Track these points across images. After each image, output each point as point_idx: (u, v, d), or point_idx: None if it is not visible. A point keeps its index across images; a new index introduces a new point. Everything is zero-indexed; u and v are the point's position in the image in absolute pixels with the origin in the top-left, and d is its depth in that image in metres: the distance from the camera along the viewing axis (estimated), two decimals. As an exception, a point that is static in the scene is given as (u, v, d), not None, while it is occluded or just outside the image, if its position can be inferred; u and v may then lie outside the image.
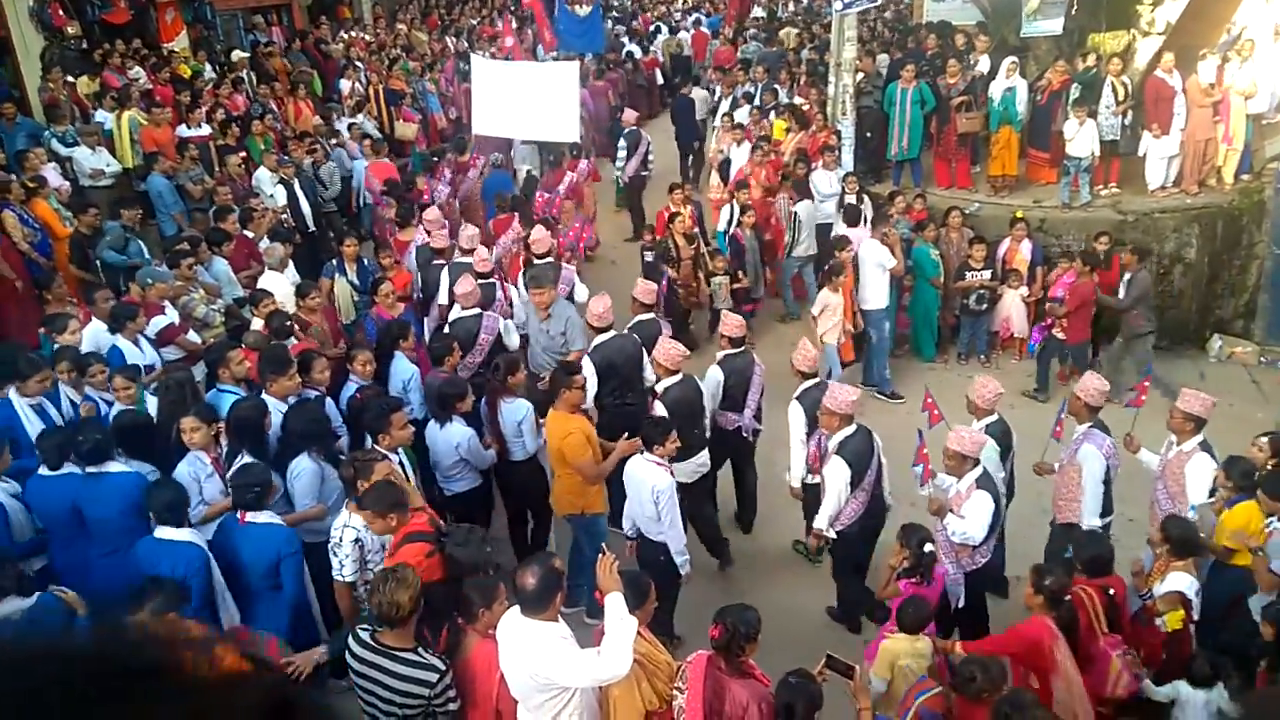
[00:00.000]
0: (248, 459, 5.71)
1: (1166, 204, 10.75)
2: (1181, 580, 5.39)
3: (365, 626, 4.47)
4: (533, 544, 7.19)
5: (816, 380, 6.93)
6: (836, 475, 6.21)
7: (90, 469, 5.50)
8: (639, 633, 4.43)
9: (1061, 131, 10.93)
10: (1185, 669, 5.17)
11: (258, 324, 7.62)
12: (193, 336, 7.96)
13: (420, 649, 4.41)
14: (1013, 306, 10.20)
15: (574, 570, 6.43)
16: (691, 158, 15.85)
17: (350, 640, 4.46)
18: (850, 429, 6.30)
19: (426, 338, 8.64)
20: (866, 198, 11.25)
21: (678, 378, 6.84)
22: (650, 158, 13.96)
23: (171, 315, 7.88)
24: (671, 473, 5.99)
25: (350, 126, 14.11)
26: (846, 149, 12.12)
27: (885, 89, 11.94)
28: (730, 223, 10.89)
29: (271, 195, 11.16)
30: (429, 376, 7.23)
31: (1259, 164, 10.55)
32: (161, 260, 9.10)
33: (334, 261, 9.40)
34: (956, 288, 10.17)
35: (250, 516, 5.32)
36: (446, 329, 8.15)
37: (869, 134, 12.25)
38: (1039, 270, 10.27)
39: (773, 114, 13.40)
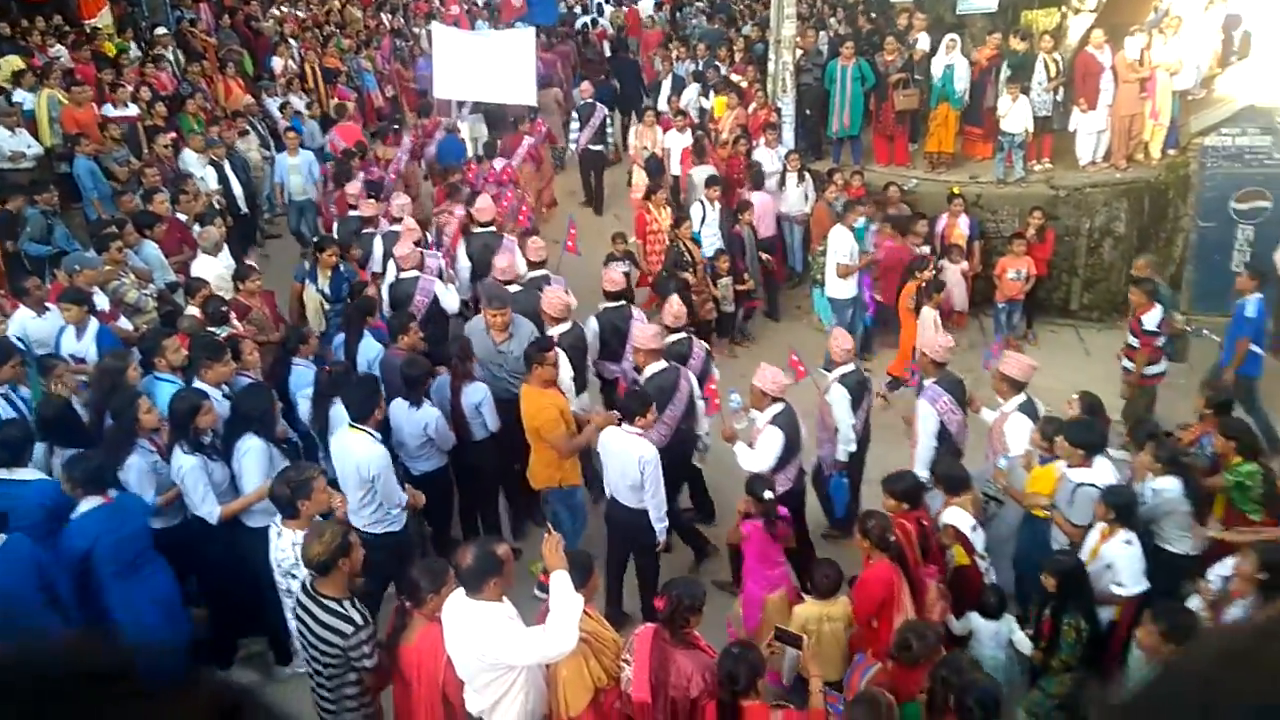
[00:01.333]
0: (182, 450, 5.64)
1: (1096, 179, 11.00)
2: (955, 515, 5.81)
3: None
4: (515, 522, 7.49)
5: (852, 366, 7.09)
6: (840, 401, 6.88)
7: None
8: (585, 611, 4.46)
9: (995, 108, 11.11)
10: (977, 603, 5.56)
11: (193, 310, 7.45)
12: (124, 323, 7.75)
13: (347, 601, 4.49)
14: (953, 281, 10.36)
15: None
16: (634, 115, 15.05)
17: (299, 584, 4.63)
18: (849, 366, 6.98)
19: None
20: (808, 175, 11.36)
21: (660, 364, 6.80)
22: (610, 132, 13.96)
23: (101, 302, 7.66)
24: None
25: (283, 106, 13.81)
26: (787, 126, 12.17)
27: (825, 67, 12.00)
28: (702, 222, 10.47)
29: (201, 178, 10.88)
30: (388, 354, 7.19)
31: (1185, 139, 10.83)
32: (88, 245, 8.83)
33: (306, 265, 8.79)
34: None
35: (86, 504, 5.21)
36: (385, 294, 8.42)
37: (809, 111, 12.32)
38: (976, 245, 10.46)
39: (712, 92, 13.40)
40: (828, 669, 5.00)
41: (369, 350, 7.31)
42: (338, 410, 6.32)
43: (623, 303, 7.85)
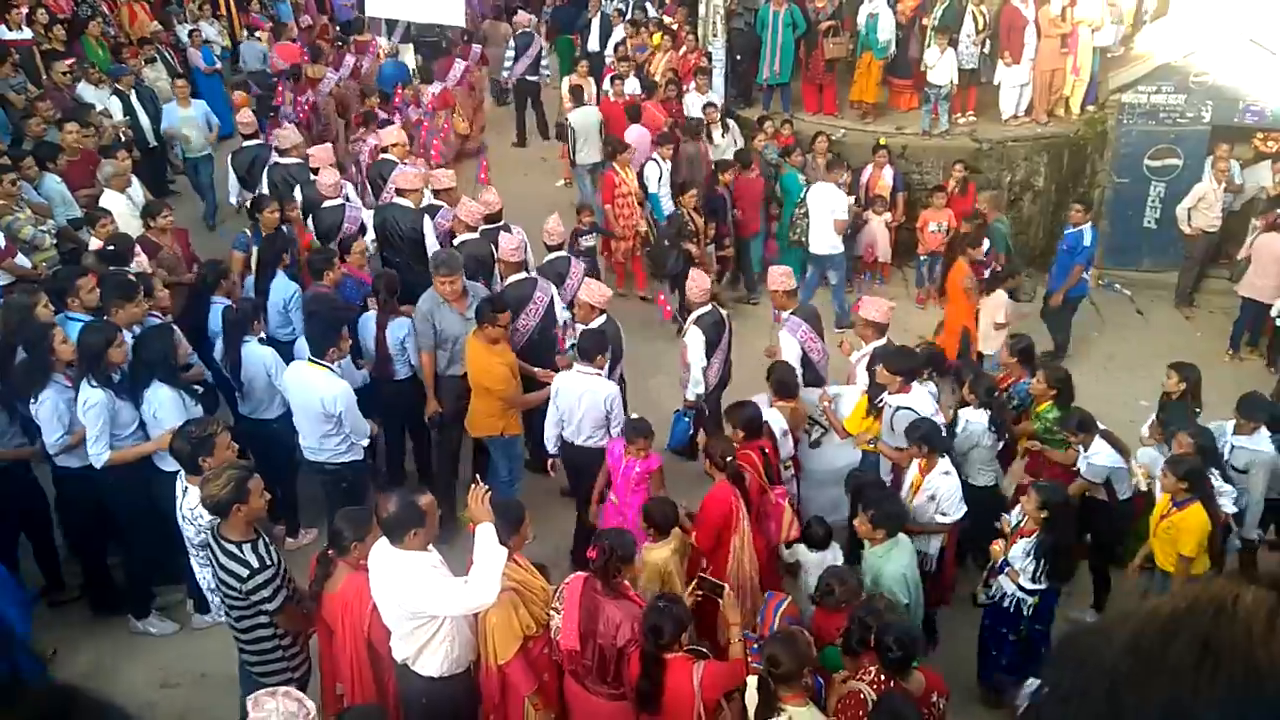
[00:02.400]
0: (89, 384, 5.46)
1: (1018, 133, 11.18)
2: (772, 414, 6.17)
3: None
4: (422, 465, 7.30)
5: (709, 307, 7.20)
6: (695, 342, 7.01)
7: None
8: (514, 560, 4.46)
9: (920, 59, 11.18)
10: (803, 535, 5.85)
11: (96, 243, 7.11)
12: (22, 260, 7.36)
13: (246, 545, 4.48)
14: (877, 232, 10.48)
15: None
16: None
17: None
18: (706, 308, 7.13)
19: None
20: (733, 123, 11.27)
21: (603, 318, 6.78)
22: (544, 63, 13.72)
23: (-2, 237, 7.26)
24: None
25: (191, 34, 13.16)
26: (717, 72, 12.05)
27: (758, 12, 11.88)
28: (659, 181, 10.02)
29: (105, 108, 10.31)
30: (309, 292, 7.02)
31: (1103, 96, 11.06)
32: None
33: (247, 231, 7.98)
34: (862, 221, 10.34)
35: None
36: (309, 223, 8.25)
37: (739, 57, 12.21)
38: (900, 196, 10.57)
39: (643, 31, 13.19)
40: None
41: (284, 290, 7.14)
42: (250, 348, 6.26)
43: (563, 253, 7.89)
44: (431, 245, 7.85)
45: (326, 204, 8.26)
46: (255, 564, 4.45)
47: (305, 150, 9.11)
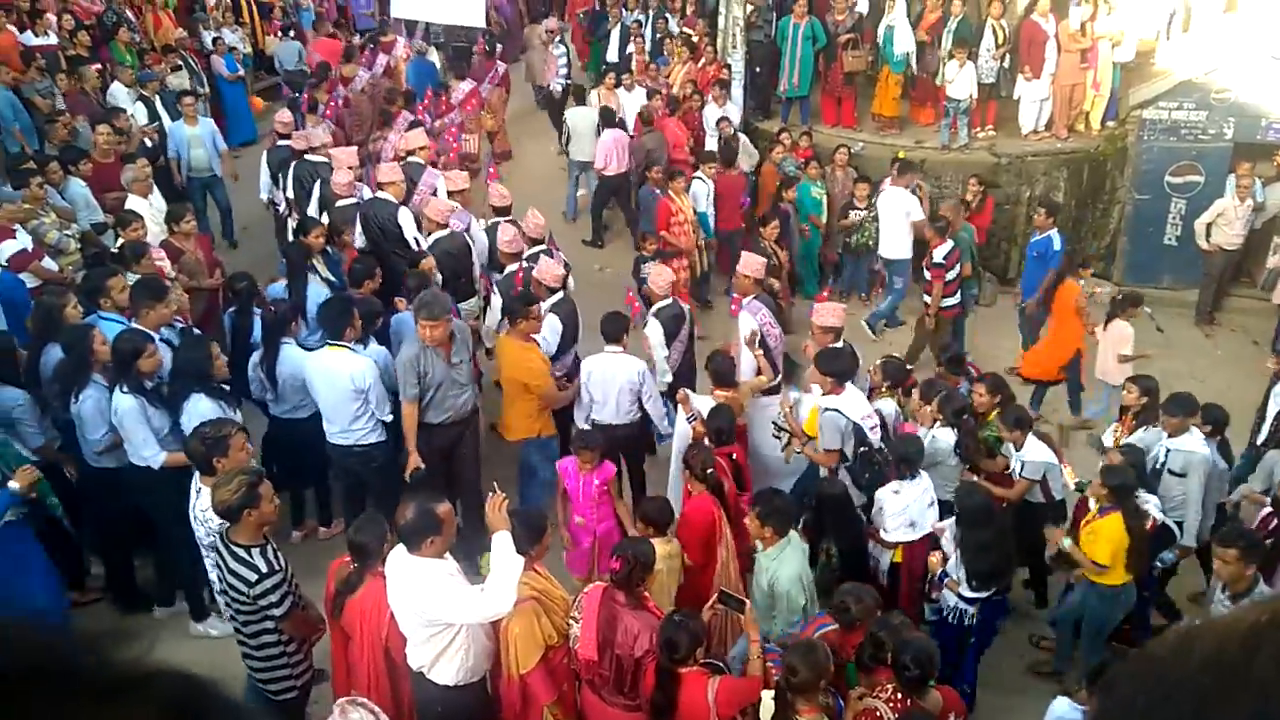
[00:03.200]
0: (121, 390, 5.50)
1: (1038, 148, 11.16)
2: (701, 401, 6.37)
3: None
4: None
5: (670, 301, 7.41)
6: (654, 333, 7.24)
7: None
8: (535, 569, 4.46)
9: (934, 74, 11.18)
10: None
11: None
12: (49, 263, 7.44)
13: (255, 549, 4.49)
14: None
15: (526, 494, 6.68)
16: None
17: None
18: (667, 301, 7.32)
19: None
20: (744, 137, 11.28)
21: (559, 296, 7.15)
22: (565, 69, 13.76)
23: (24, 240, 7.32)
24: None
25: (215, 41, 13.27)
26: (736, 84, 12.08)
27: (777, 24, 11.90)
28: (706, 199, 10.01)
29: (131, 114, 10.41)
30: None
31: (1124, 111, 11.03)
32: (5, 180, 8.40)
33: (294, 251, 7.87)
34: (843, 225, 10.35)
35: None
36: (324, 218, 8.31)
37: (758, 69, 12.23)
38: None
39: (666, 42, 13.23)
40: (661, 599, 5.07)
41: (316, 296, 7.22)
42: (287, 350, 6.36)
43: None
44: (410, 235, 8.01)
45: (340, 203, 8.39)
46: (264, 569, 4.46)
47: (330, 149, 9.23)
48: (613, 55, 13.82)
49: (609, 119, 11.13)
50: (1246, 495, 6.36)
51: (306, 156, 9.28)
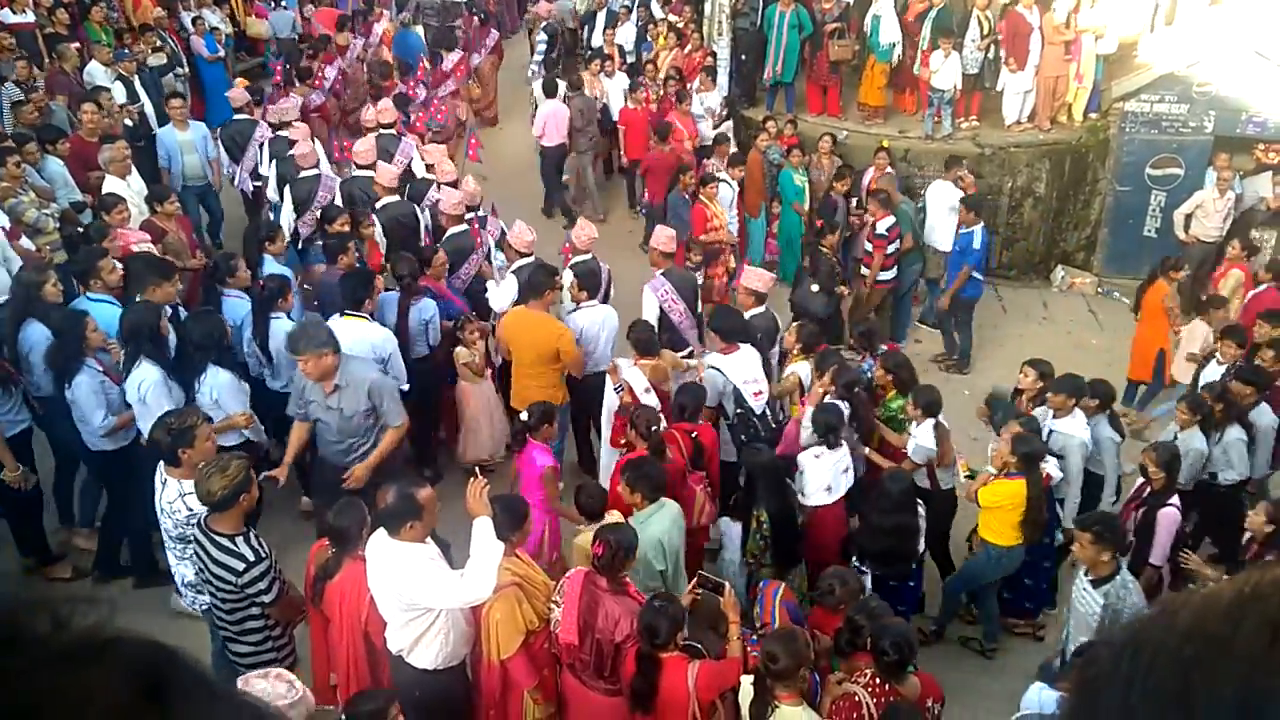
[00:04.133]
0: (147, 364, 5.50)
1: (1021, 139, 11.20)
2: (633, 374, 6.48)
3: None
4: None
5: (589, 257, 7.60)
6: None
7: None
8: (517, 554, 4.47)
9: (913, 65, 11.21)
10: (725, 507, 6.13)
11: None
12: (26, 243, 7.35)
13: (239, 537, 4.49)
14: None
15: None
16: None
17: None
18: (586, 256, 7.50)
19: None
20: (732, 122, 11.31)
21: (529, 259, 7.41)
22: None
23: (1, 219, 7.24)
24: None
25: (195, 20, 13.12)
26: (722, 71, 12.06)
27: (765, 12, 11.87)
28: (730, 204, 9.92)
29: (109, 92, 10.28)
30: (325, 274, 7.17)
31: (1106, 103, 11.08)
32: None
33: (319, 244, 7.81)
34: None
35: None
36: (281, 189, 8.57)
37: (744, 56, 12.20)
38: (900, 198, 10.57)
39: (651, 28, 13.19)
40: None
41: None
42: (278, 323, 6.41)
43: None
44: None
45: (303, 174, 8.52)
46: (251, 556, 4.45)
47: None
48: (597, 40, 13.75)
49: (550, 90, 11.35)
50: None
51: (279, 133, 9.38)
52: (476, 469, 5.07)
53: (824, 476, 5.89)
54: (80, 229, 7.57)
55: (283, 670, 3.87)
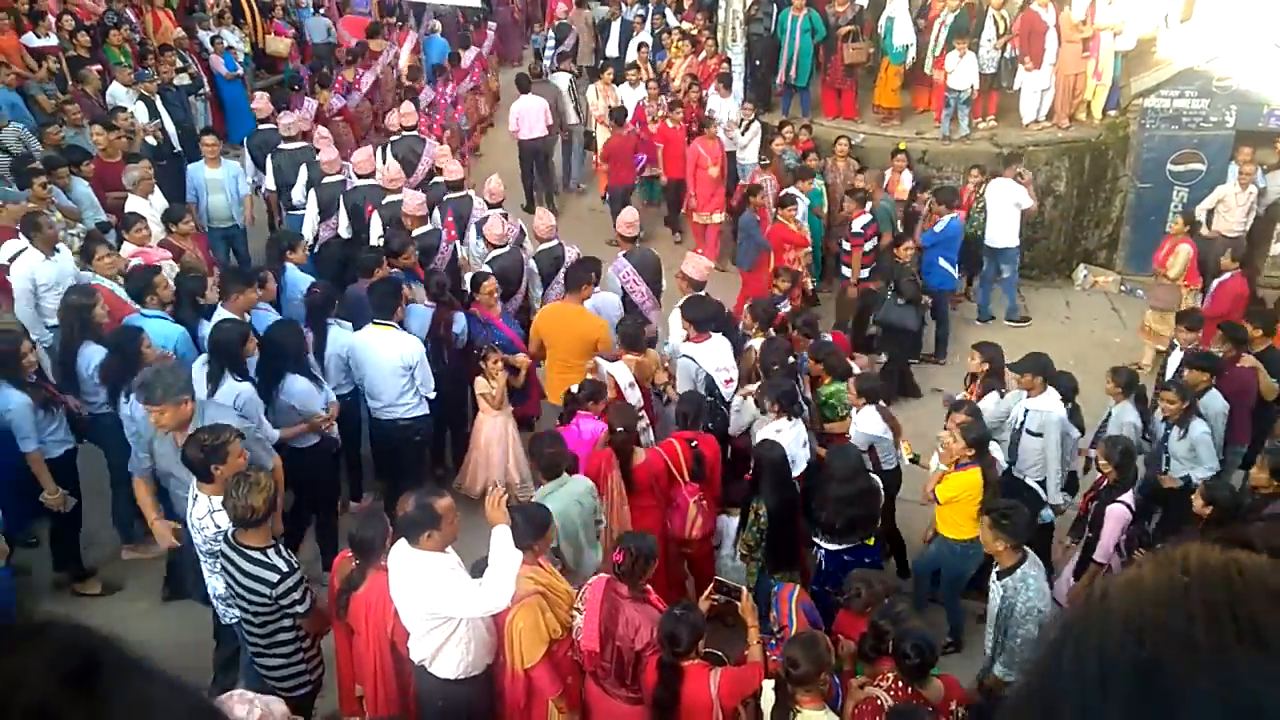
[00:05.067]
0: (234, 379, 5.68)
1: (1039, 137, 11.13)
2: (618, 369, 6.53)
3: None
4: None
5: (555, 242, 8.06)
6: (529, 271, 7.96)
7: None
8: (539, 563, 4.48)
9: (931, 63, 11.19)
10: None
11: (130, 249, 7.28)
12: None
13: (271, 549, 4.51)
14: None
15: None
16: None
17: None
18: (552, 243, 8.02)
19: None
20: (757, 124, 11.32)
21: (506, 249, 7.79)
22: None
23: (25, 241, 7.34)
24: None
25: (214, 40, 13.29)
26: (736, 76, 12.07)
27: (777, 16, 11.88)
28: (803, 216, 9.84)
29: (131, 113, 10.43)
30: (355, 287, 7.25)
31: (1125, 100, 11.00)
32: (10, 180, 8.44)
33: (398, 273, 7.42)
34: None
35: None
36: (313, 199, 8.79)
37: (758, 61, 12.21)
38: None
39: (665, 37, 13.23)
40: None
41: (300, 283, 7.31)
42: (333, 330, 6.62)
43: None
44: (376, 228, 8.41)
45: (326, 180, 8.80)
46: (284, 568, 4.47)
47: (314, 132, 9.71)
48: (612, 50, 13.82)
49: (524, 85, 11.70)
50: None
51: (283, 146, 9.56)
52: (493, 481, 5.09)
53: (786, 450, 5.90)
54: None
55: (242, 692, 3.84)
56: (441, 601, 4.21)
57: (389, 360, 6.31)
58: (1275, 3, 10.06)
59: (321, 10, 15.95)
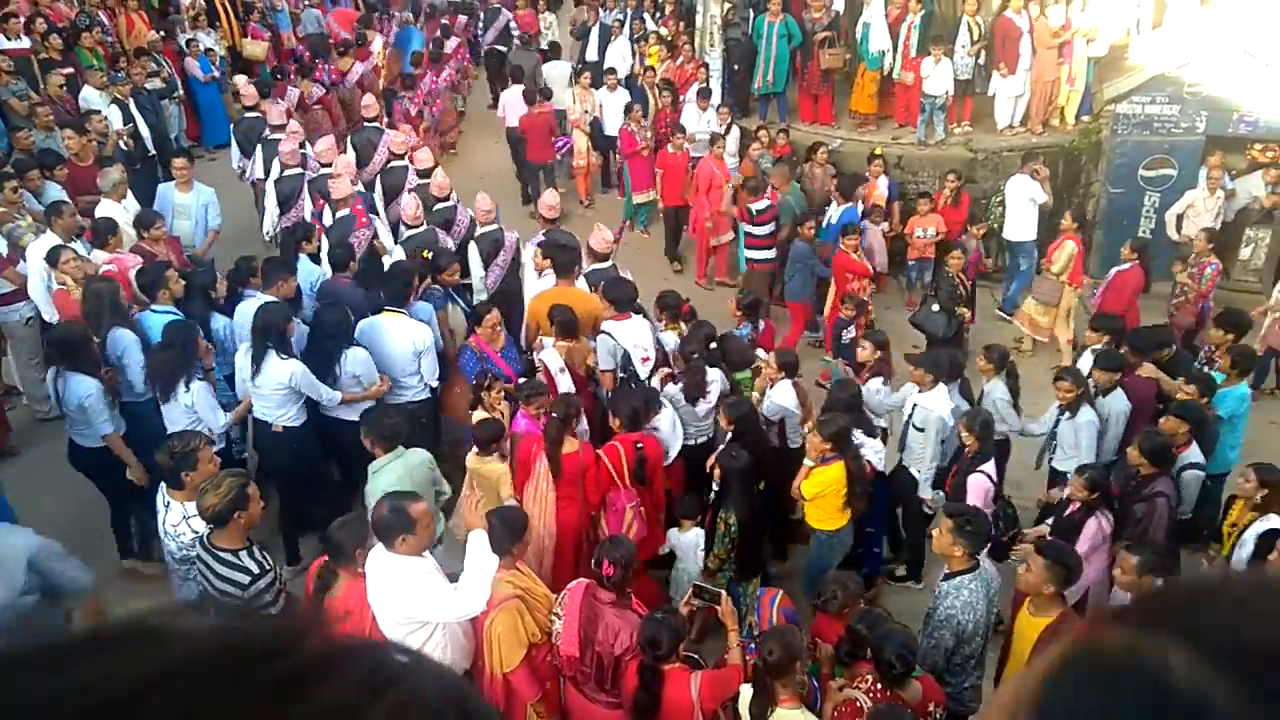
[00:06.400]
0: (280, 357, 6.00)
1: (1014, 142, 11.23)
2: (549, 355, 6.75)
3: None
4: None
5: (494, 228, 8.34)
6: (473, 255, 8.23)
7: None
8: (518, 567, 4.47)
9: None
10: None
11: (100, 255, 7.25)
12: (22, 268, 7.39)
13: (244, 551, 4.53)
14: (874, 241, 10.50)
15: None
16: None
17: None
18: (491, 228, 8.34)
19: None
20: (736, 129, 11.35)
21: (493, 227, 8.26)
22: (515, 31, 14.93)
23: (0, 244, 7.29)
24: None
25: (189, 42, 13.20)
26: (714, 81, 12.11)
27: (754, 22, 11.93)
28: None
29: (105, 117, 10.33)
30: (327, 283, 7.42)
31: (1098, 106, 11.12)
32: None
33: (438, 289, 7.51)
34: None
35: None
36: (272, 188, 9.19)
37: (736, 67, 12.26)
38: (895, 206, 10.60)
39: (642, 42, 13.25)
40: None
41: (309, 274, 7.56)
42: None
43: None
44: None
45: (287, 172, 9.14)
46: (255, 569, 4.48)
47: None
48: (592, 54, 13.83)
49: (516, 76, 12.37)
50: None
51: (269, 135, 9.91)
52: (469, 484, 5.07)
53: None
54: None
55: None
56: (417, 605, 4.20)
57: (400, 345, 6.60)
58: (1244, 9, 10.21)
59: (310, 3, 16.51)
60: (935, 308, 8.80)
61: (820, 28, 11.53)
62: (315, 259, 7.80)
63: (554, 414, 5.66)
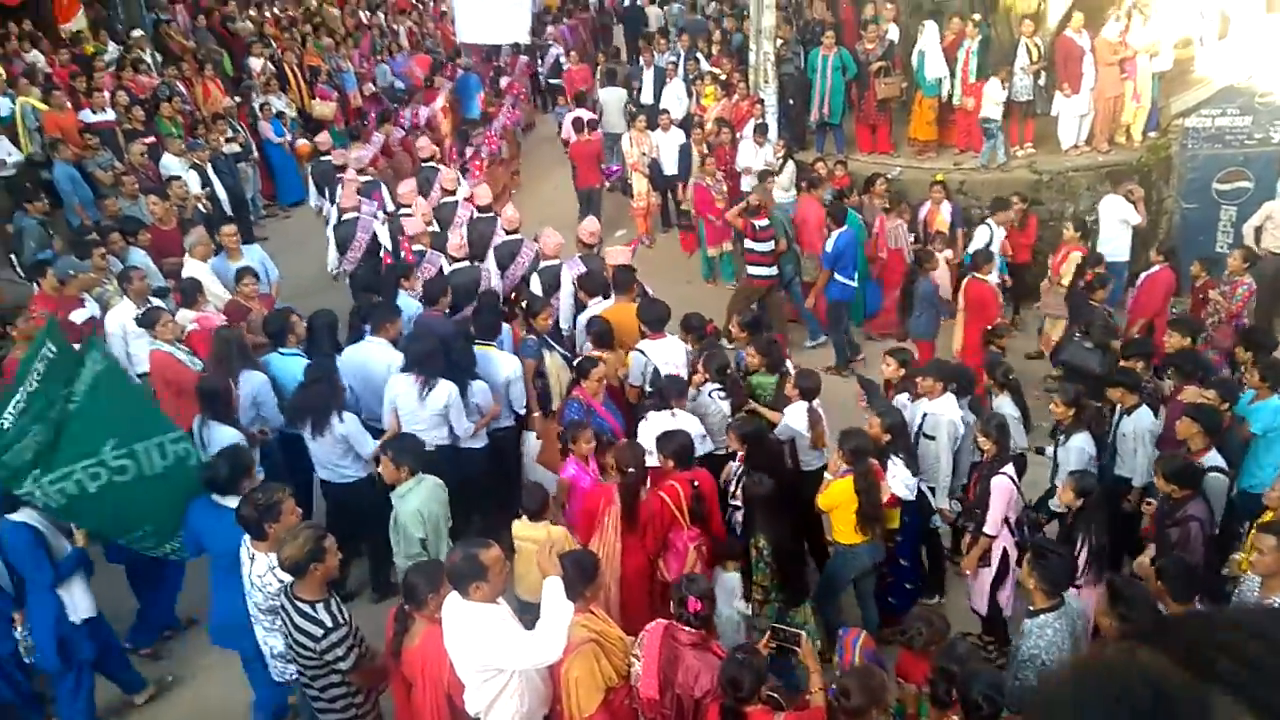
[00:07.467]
0: (442, 382, 6.43)
1: (1079, 162, 11.05)
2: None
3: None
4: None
5: (556, 261, 8.57)
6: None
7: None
8: (591, 610, 4.47)
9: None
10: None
11: (188, 314, 7.62)
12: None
13: (320, 604, 4.55)
14: (940, 270, 10.34)
15: None
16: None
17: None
18: (553, 261, 8.60)
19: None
20: (790, 163, 11.36)
21: (554, 261, 8.57)
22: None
23: (92, 308, 7.66)
24: None
25: (262, 106, 13.73)
26: (770, 116, 12.17)
27: (806, 56, 11.99)
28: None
29: (184, 182, 10.78)
30: (421, 318, 7.62)
31: (1165, 121, 10.89)
32: (68, 251, 8.76)
33: (533, 338, 7.52)
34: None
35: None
36: (331, 234, 9.72)
37: (791, 101, 12.31)
38: (959, 232, 10.46)
39: (698, 83, 13.39)
40: (523, 586, 5.49)
41: (408, 308, 7.81)
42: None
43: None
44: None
45: (344, 217, 9.57)
46: (329, 623, 4.52)
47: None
48: (647, 98, 14.00)
49: (581, 100, 13.57)
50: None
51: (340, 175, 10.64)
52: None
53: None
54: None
55: None
56: (493, 653, 4.20)
57: (491, 376, 6.92)
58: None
59: (381, 59, 17.97)
60: (1088, 345, 8.09)
61: (874, 58, 11.53)
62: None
63: (626, 468, 5.59)
